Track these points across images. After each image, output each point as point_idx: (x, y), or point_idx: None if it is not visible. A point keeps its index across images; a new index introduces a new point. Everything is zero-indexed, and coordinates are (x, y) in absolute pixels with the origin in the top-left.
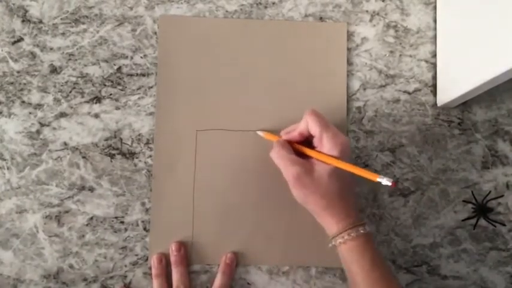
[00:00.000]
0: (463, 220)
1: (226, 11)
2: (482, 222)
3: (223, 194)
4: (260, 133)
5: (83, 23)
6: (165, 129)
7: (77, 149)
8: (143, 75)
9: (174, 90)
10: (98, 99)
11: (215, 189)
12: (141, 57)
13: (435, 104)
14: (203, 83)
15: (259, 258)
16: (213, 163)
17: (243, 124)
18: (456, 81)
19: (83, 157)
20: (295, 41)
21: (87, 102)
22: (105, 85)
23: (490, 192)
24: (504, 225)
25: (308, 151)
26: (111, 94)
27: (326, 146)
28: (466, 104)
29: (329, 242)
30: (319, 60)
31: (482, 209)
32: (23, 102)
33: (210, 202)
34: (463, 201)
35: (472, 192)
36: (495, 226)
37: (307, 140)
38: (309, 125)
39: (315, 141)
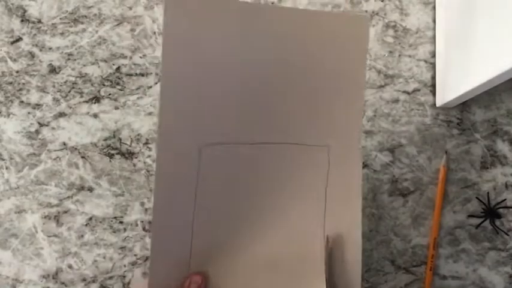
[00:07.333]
0: (469, 216)
1: None
2: (484, 222)
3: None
4: None
5: (82, 23)
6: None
7: (75, 149)
8: (142, 75)
9: (179, 91)
10: (97, 99)
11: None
12: (140, 57)
13: (434, 104)
14: (208, 82)
15: None
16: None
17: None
18: (455, 81)
19: (82, 157)
20: (308, 35)
21: (86, 102)
22: (104, 85)
23: (505, 200)
24: (508, 235)
25: None
26: (110, 94)
27: None
28: (465, 104)
29: None
30: (336, 60)
31: (491, 213)
32: (22, 102)
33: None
34: (476, 197)
35: (488, 193)
36: (498, 233)
37: None
38: None
39: None
